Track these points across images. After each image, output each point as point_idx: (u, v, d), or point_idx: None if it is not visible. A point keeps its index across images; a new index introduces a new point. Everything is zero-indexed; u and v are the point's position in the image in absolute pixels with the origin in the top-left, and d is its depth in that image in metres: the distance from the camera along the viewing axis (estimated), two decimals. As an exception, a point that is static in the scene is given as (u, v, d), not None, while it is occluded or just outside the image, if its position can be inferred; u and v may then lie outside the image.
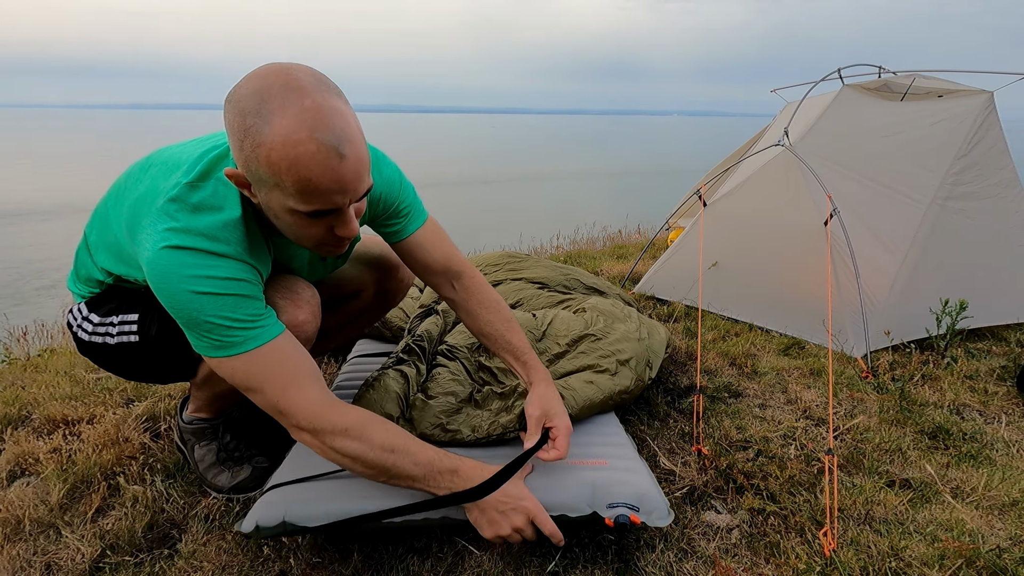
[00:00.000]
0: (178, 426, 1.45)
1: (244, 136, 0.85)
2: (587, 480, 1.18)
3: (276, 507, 1.10)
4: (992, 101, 2.66)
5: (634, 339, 1.77)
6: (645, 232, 5.83)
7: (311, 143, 0.83)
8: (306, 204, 0.89)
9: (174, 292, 0.94)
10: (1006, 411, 1.88)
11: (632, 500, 1.15)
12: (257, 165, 0.86)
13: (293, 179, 0.85)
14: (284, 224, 0.96)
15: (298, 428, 1.02)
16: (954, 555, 1.18)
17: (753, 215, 2.74)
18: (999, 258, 2.57)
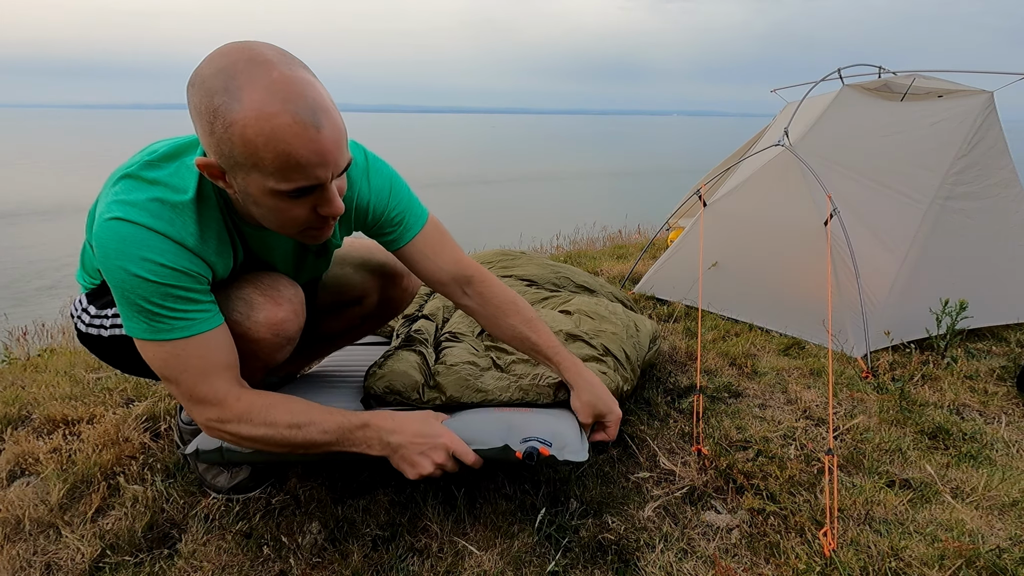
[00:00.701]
0: (178, 427, 1.45)
1: (214, 117, 0.81)
2: (505, 420, 1.22)
3: None
4: (992, 101, 2.66)
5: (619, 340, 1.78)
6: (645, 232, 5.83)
7: (286, 115, 0.80)
8: (287, 182, 0.85)
9: (110, 267, 0.91)
10: (1006, 411, 1.88)
11: (545, 436, 1.15)
12: (231, 146, 0.82)
13: (272, 155, 0.82)
14: (266, 211, 0.91)
15: (207, 422, 1.03)
16: (954, 555, 1.18)
17: (753, 215, 2.74)
18: (999, 258, 2.57)
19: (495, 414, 1.26)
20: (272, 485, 1.38)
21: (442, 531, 1.24)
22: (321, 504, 1.32)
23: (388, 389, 1.37)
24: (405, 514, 1.29)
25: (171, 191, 0.94)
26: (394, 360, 1.44)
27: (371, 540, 1.22)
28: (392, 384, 1.37)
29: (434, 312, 1.93)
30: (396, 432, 1.09)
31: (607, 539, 1.22)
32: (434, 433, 1.10)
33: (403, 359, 1.46)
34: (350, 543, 1.20)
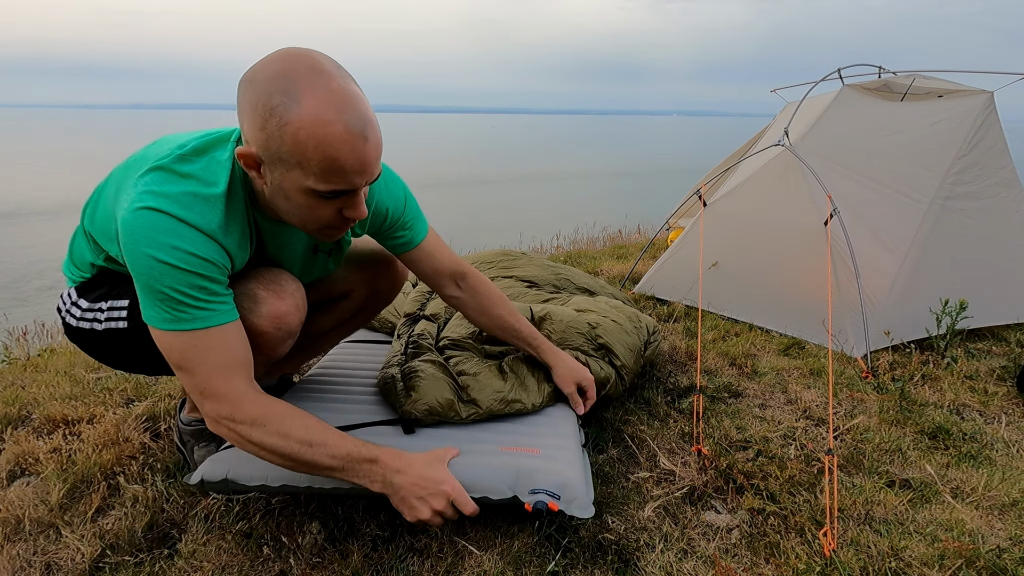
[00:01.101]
0: (177, 427, 1.45)
1: (269, 115, 0.87)
2: (513, 466, 1.21)
3: (222, 464, 1.18)
4: (992, 101, 2.66)
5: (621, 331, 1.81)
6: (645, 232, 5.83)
7: (339, 124, 0.87)
8: (326, 184, 0.92)
9: (138, 255, 0.93)
10: (1006, 411, 1.88)
11: (554, 488, 1.16)
12: (280, 143, 0.88)
13: (319, 158, 0.88)
14: (294, 206, 0.97)
15: (216, 418, 1.02)
16: (954, 555, 1.18)
17: (753, 215, 2.74)
18: (999, 258, 2.57)
19: (502, 456, 1.25)
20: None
21: (442, 531, 1.24)
22: (321, 504, 1.32)
23: (429, 411, 1.37)
24: (405, 514, 1.29)
25: (203, 184, 0.97)
26: (424, 379, 1.44)
27: (371, 540, 1.22)
28: (432, 406, 1.38)
29: (437, 313, 1.93)
30: (401, 472, 1.09)
31: (607, 539, 1.22)
32: (438, 479, 1.10)
33: (431, 376, 1.45)
34: (350, 543, 1.20)
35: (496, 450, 1.27)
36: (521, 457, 1.24)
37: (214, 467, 1.18)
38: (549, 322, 1.78)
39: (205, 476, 1.17)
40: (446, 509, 1.09)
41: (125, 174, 1.03)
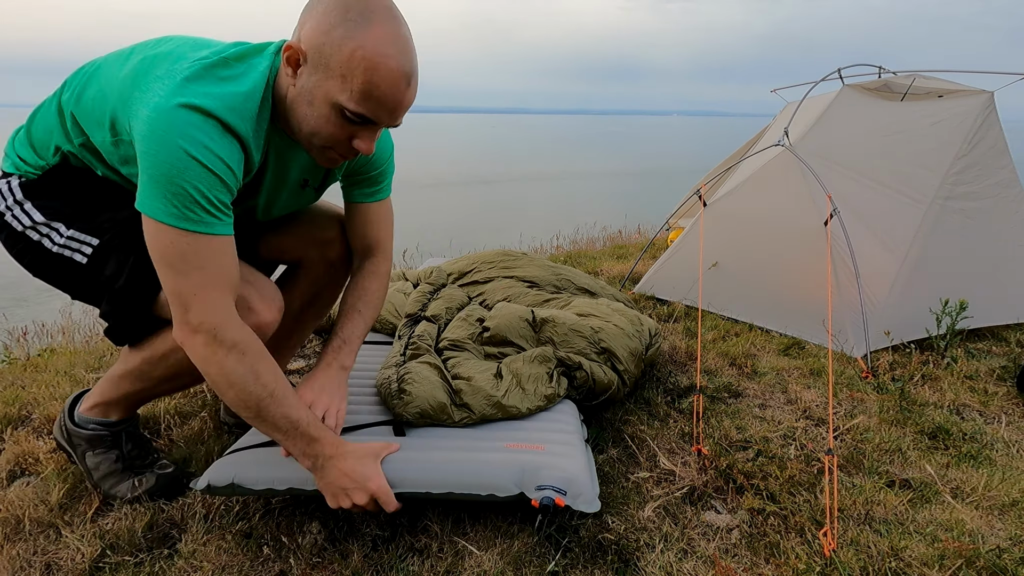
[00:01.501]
0: (64, 427, 1.34)
1: (339, 23, 0.92)
2: (518, 463, 1.22)
3: (227, 469, 1.19)
4: (992, 101, 2.66)
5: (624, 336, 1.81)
6: (645, 232, 5.83)
7: (394, 60, 0.95)
8: (356, 105, 0.97)
9: (166, 144, 0.93)
10: (1006, 411, 1.88)
11: (560, 484, 1.17)
12: (335, 51, 0.93)
13: (364, 80, 0.94)
14: (315, 115, 1.00)
15: (193, 328, 1.00)
16: (954, 555, 1.18)
17: (753, 215, 2.74)
18: (999, 258, 2.57)
19: (507, 453, 1.26)
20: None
21: (442, 531, 1.24)
22: (321, 504, 1.31)
23: (420, 414, 1.38)
24: (405, 514, 1.28)
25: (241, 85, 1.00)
26: (417, 382, 1.43)
27: (371, 540, 1.22)
28: (424, 409, 1.38)
29: (437, 314, 1.93)
30: (333, 459, 1.12)
31: (607, 539, 1.22)
32: (365, 475, 1.13)
33: (425, 379, 1.45)
34: (350, 543, 1.20)
35: (501, 447, 1.29)
36: (526, 454, 1.25)
37: (220, 472, 1.19)
38: (551, 325, 1.78)
39: (212, 481, 1.17)
40: (367, 504, 1.12)
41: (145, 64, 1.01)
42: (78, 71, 1.15)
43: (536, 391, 1.51)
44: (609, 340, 1.76)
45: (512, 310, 1.85)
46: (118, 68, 1.05)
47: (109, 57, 1.12)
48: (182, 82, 0.96)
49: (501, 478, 1.18)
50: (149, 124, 0.94)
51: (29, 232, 1.15)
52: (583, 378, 1.65)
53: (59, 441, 1.38)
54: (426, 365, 1.52)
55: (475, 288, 2.28)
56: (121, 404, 1.31)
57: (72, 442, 1.34)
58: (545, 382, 1.54)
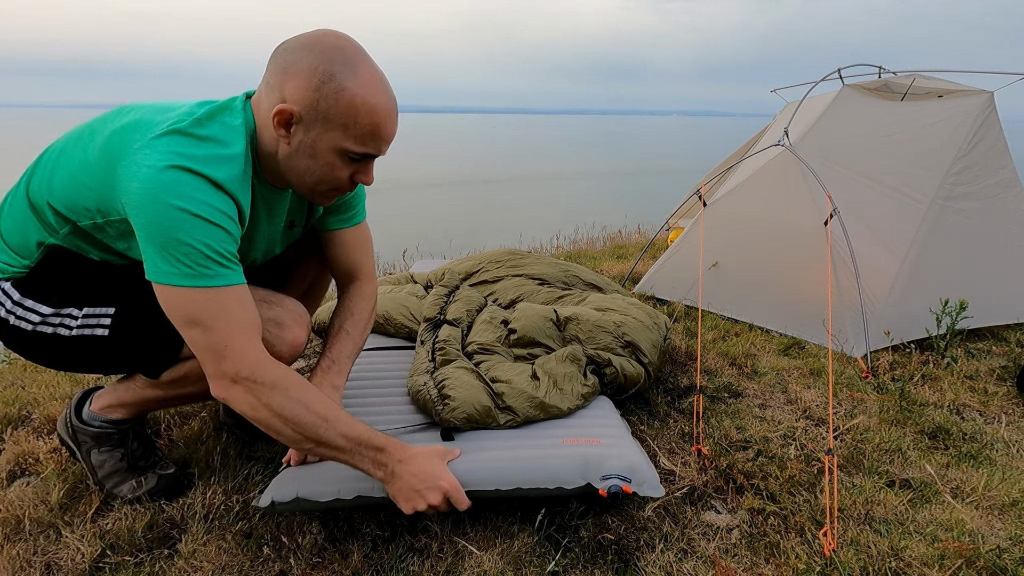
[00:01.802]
0: (69, 423, 1.35)
1: (328, 79, 0.98)
2: (579, 455, 1.24)
3: (289, 484, 1.16)
4: (992, 101, 2.66)
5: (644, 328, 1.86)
6: (645, 232, 5.82)
7: (384, 97, 1.04)
8: (362, 146, 1.04)
9: (163, 208, 0.94)
10: (1006, 411, 1.88)
11: (624, 472, 1.19)
12: (334, 104, 1.00)
13: (367, 122, 1.02)
14: (318, 164, 1.06)
15: (233, 378, 1.01)
16: (954, 555, 1.18)
17: (753, 215, 2.74)
18: (999, 258, 2.57)
19: (566, 448, 1.28)
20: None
21: (442, 531, 1.24)
22: (321, 504, 1.31)
23: (467, 419, 1.39)
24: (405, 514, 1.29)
25: (223, 146, 1.02)
26: (458, 387, 1.45)
27: (371, 540, 1.22)
28: (470, 414, 1.39)
29: (459, 317, 1.93)
30: (403, 463, 1.12)
31: (607, 539, 1.22)
32: (436, 474, 1.13)
33: (465, 384, 1.47)
34: (350, 543, 1.20)
35: (558, 443, 1.31)
36: (585, 447, 1.28)
37: (282, 488, 1.16)
38: (575, 323, 1.80)
39: (275, 497, 1.15)
40: (441, 504, 1.12)
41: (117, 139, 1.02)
42: (39, 160, 1.14)
43: (573, 390, 1.54)
44: (632, 333, 1.79)
45: (535, 311, 1.87)
46: (85, 149, 1.06)
47: (68, 139, 1.12)
48: (164, 148, 0.97)
49: (567, 471, 1.20)
50: (141, 194, 0.95)
51: (41, 328, 1.14)
52: (612, 374, 1.68)
53: (62, 437, 1.38)
54: (463, 370, 1.54)
55: (485, 288, 2.29)
56: (136, 408, 1.32)
57: (77, 439, 1.34)
58: (580, 380, 1.57)
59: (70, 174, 1.07)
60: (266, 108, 1.04)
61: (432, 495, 1.11)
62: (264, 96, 1.05)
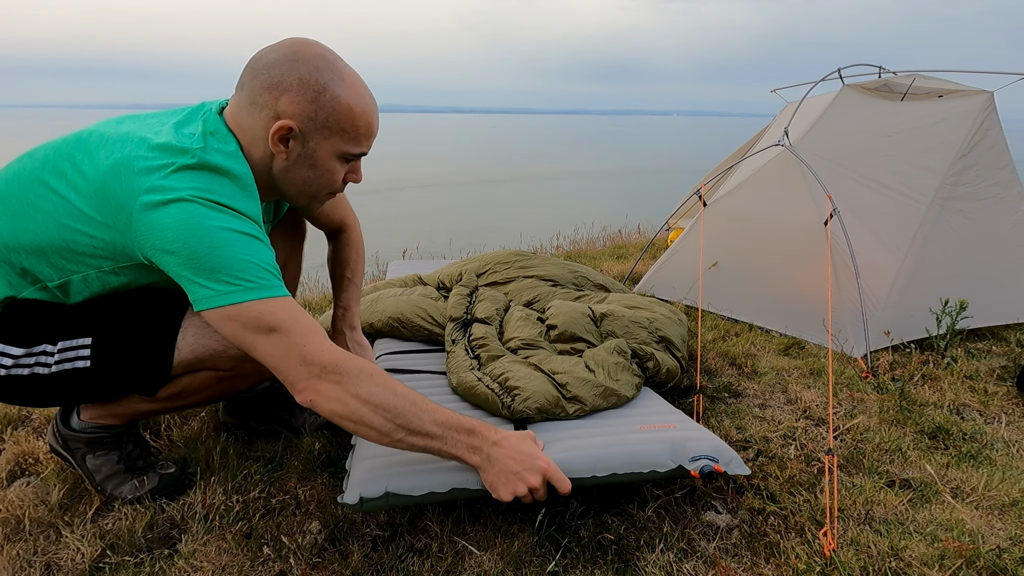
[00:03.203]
0: (57, 433, 1.32)
1: (322, 89, 1.03)
2: (664, 439, 1.26)
3: (377, 479, 1.11)
4: (992, 101, 2.66)
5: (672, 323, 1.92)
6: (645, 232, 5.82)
7: (370, 97, 1.10)
8: (358, 147, 1.11)
9: (209, 232, 0.96)
10: (1006, 411, 1.88)
11: (712, 452, 1.22)
12: (331, 113, 1.04)
13: (362, 123, 1.08)
14: (318, 172, 1.11)
15: (320, 375, 1.00)
16: (954, 555, 1.18)
17: (753, 215, 2.74)
18: (999, 258, 2.57)
19: (647, 433, 1.30)
20: (272, 484, 1.38)
21: (442, 531, 1.24)
22: (321, 504, 1.32)
23: (539, 409, 1.39)
24: (405, 514, 1.29)
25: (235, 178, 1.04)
26: (523, 379, 1.47)
27: (371, 540, 1.22)
28: (541, 405, 1.40)
29: (489, 316, 1.92)
30: (498, 445, 1.08)
31: (607, 539, 1.22)
32: (533, 454, 1.09)
33: (528, 375, 1.49)
34: (350, 543, 1.20)
35: (636, 430, 1.32)
36: (664, 432, 1.29)
37: (371, 482, 1.11)
38: (611, 319, 1.85)
39: (363, 493, 1.09)
40: (540, 486, 1.08)
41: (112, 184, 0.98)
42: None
43: (626, 380, 1.57)
44: (664, 328, 1.84)
45: (572, 307, 1.90)
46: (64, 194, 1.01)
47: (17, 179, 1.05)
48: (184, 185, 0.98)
49: (658, 455, 1.21)
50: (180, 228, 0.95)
51: (15, 371, 1.09)
52: (654, 367, 1.72)
53: (54, 447, 1.36)
54: (519, 363, 1.56)
55: (497, 288, 2.29)
56: (129, 417, 1.30)
57: (69, 447, 1.31)
58: (629, 370, 1.61)
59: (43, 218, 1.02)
60: (256, 126, 1.05)
61: (532, 476, 1.06)
62: (248, 113, 1.05)
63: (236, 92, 1.08)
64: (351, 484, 1.12)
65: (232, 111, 1.08)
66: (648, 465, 1.19)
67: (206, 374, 1.21)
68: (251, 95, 1.04)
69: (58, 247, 1.04)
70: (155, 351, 1.14)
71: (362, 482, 1.11)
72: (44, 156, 1.06)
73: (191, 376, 1.20)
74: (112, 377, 1.15)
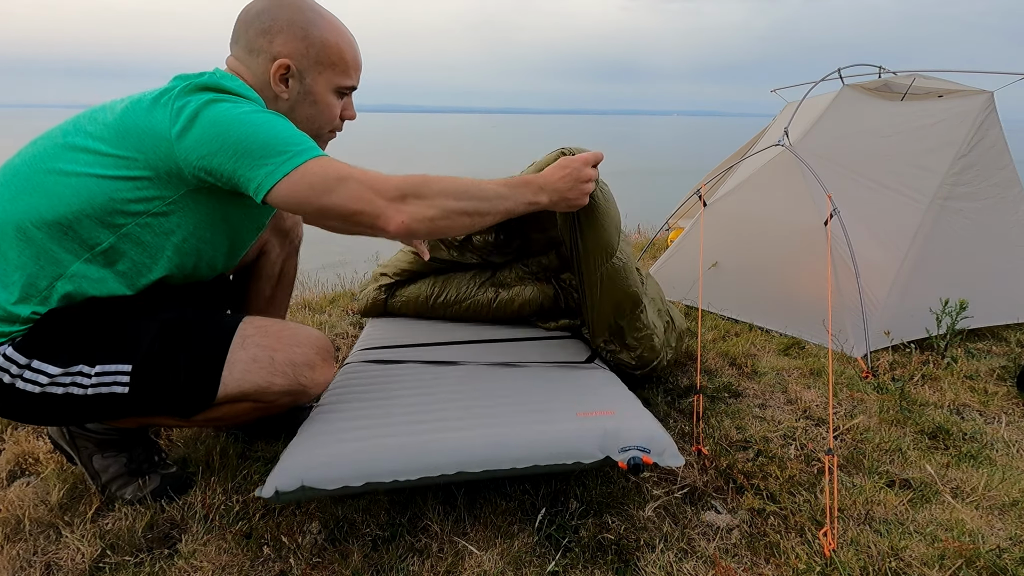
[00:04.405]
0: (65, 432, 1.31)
1: (308, 25, 1.12)
2: (598, 428, 1.22)
3: (294, 471, 1.10)
4: (992, 101, 2.66)
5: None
6: (645, 232, 5.82)
7: (350, 33, 1.20)
8: (349, 79, 1.19)
9: (244, 120, 1.01)
10: (1006, 411, 1.88)
11: (643, 442, 1.17)
12: (321, 47, 1.14)
13: (349, 56, 1.18)
14: (319, 107, 1.18)
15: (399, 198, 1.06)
16: (954, 555, 1.18)
17: (753, 215, 2.74)
18: (999, 258, 2.57)
19: (582, 421, 1.25)
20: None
21: (442, 531, 1.24)
22: (321, 504, 1.32)
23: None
24: (405, 514, 1.29)
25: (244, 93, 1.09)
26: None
27: (371, 540, 1.22)
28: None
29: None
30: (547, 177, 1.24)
31: (607, 539, 1.22)
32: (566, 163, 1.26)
33: None
34: (350, 543, 1.20)
35: (573, 416, 1.28)
36: (600, 420, 1.26)
37: (286, 476, 1.09)
38: None
39: (279, 487, 1.07)
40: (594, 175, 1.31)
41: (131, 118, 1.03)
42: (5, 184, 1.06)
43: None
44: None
45: None
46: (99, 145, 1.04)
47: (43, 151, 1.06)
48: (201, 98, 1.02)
49: (585, 444, 1.18)
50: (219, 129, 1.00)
51: (51, 388, 1.07)
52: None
53: (57, 442, 1.35)
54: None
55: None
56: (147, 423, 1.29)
57: (76, 444, 1.31)
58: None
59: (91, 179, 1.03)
60: (258, 71, 1.13)
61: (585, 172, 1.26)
62: (249, 62, 1.13)
63: (233, 46, 1.15)
64: (269, 478, 1.10)
65: (231, 66, 1.14)
66: (573, 456, 1.16)
67: (246, 405, 1.19)
68: (247, 44, 1.12)
69: (101, 203, 1.04)
70: (198, 384, 1.12)
71: (279, 475, 1.09)
72: (63, 130, 1.09)
73: (230, 406, 1.18)
74: (150, 404, 1.12)
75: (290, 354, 1.17)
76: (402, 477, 1.10)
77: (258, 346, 1.16)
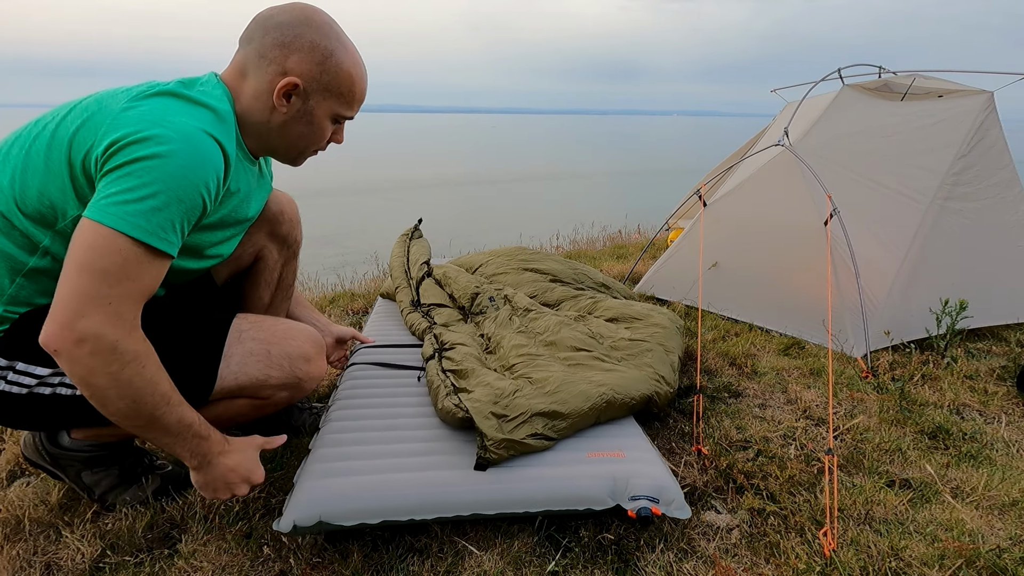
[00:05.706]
0: (43, 450, 1.28)
1: (329, 55, 1.10)
2: (607, 473, 1.23)
3: (312, 506, 1.12)
4: (992, 101, 2.66)
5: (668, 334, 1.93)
6: (645, 232, 5.82)
7: (364, 68, 1.19)
8: (350, 110, 1.19)
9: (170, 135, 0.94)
10: (1006, 411, 1.88)
11: (652, 492, 1.19)
12: (335, 75, 1.12)
13: (358, 90, 1.17)
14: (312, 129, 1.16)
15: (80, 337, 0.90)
16: (954, 555, 1.18)
17: (753, 215, 2.74)
18: (999, 258, 2.57)
19: (593, 464, 1.27)
20: (272, 484, 1.38)
21: (442, 531, 1.24)
22: (321, 504, 1.31)
23: None
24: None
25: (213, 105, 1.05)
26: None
27: (371, 540, 1.22)
28: None
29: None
30: (222, 455, 1.10)
31: (607, 539, 1.22)
32: (250, 469, 1.14)
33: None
34: (350, 543, 1.20)
35: (583, 458, 1.30)
36: (610, 463, 1.27)
37: (304, 510, 1.12)
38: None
39: (297, 522, 1.10)
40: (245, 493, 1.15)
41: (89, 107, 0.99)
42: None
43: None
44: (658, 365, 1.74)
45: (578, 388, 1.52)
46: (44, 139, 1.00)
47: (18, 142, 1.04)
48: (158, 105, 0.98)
49: (595, 491, 1.20)
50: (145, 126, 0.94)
51: (39, 389, 1.05)
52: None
53: (36, 463, 1.30)
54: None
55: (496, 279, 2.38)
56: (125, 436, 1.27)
57: (60, 463, 1.28)
58: None
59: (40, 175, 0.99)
60: (261, 78, 1.09)
61: (240, 488, 1.14)
62: (256, 66, 1.09)
63: (243, 45, 1.11)
64: (287, 510, 1.13)
65: (237, 62, 1.11)
66: (584, 502, 1.19)
67: (242, 402, 1.21)
68: (260, 49, 1.08)
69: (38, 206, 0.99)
70: (194, 378, 1.11)
71: (296, 509, 1.12)
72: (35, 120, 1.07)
73: (227, 403, 1.19)
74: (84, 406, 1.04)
75: (286, 347, 1.19)
76: (418, 516, 1.15)
77: (254, 340, 1.18)
